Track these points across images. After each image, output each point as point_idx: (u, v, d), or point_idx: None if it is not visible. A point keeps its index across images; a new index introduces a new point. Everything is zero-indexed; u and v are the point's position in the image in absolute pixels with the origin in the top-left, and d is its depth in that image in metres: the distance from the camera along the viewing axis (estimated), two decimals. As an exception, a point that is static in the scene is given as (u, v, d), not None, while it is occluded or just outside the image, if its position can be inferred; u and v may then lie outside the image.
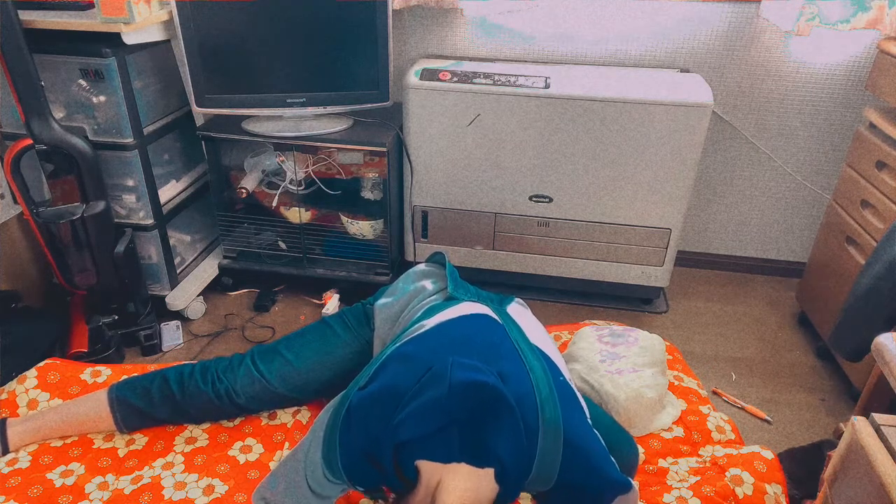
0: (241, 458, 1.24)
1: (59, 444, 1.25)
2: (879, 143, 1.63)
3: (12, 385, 1.37)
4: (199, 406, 1.27)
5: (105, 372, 1.44)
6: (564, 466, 0.90)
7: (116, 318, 1.77)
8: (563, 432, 0.91)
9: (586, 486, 0.93)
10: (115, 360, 1.72)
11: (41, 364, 1.42)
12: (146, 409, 1.27)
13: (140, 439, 1.27)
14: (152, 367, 1.47)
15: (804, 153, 2.09)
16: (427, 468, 0.87)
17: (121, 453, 1.24)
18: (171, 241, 1.94)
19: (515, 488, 0.89)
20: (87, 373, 1.42)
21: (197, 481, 1.18)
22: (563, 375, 1.04)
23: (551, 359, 1.05)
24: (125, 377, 1.32)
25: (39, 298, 1.86)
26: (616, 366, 1.37)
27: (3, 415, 1.31)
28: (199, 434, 1.29)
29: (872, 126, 1.69)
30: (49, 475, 1.18)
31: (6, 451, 1.23)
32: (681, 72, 1.98)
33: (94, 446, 1.25)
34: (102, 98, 1.65)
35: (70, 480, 1.18)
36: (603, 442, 0.98)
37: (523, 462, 0.88)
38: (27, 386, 1.37)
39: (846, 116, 2.01)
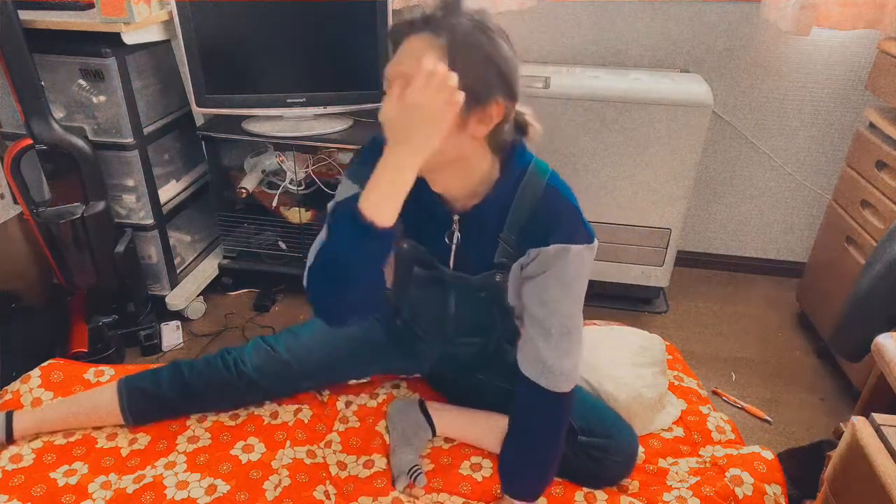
0: (244, 458, 1.24)
1: (62, 442, 1.26)
2: (879, 143, 1.63)
3: (16, 385, 1.37)
4: (208, 381, 1.28)
5: (108, 372, 1.44)
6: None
7: (116, 318, 1.77)
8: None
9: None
10: (115, 360, 1.72)
11: (45, 364, 1.43)
12: (153, 389, 1.27)
13: (143, 438, 1.28)
14: (151, 366, 1.48)
15: (804, 153, 2.10)
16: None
17: (123, 452, 1.25)
18: (171, 241, 1.94)
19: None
20: (90, 372, 1.43)
21: (199, 480, 1.18)
22: None
23: None
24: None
25: (39, 298, 1.85)
26: (616, 365, 1.37)
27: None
28: (201, 433, 1.29)
29: (872, 126, 1.69)
30: (52, 474, 1.19)
31: (10, 440, 1.24)
32: (681, 72, 1.98)
33: (98, 445, 1.26)
34: (102, 98, 1.65)
35: (73, 480, 1.18)
36: None
37: None
38: (31, 385, 1.37)
39: (846, 116, 2.01)
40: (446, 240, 1.08)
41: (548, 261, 1.02)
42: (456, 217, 1.05)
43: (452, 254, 1.09)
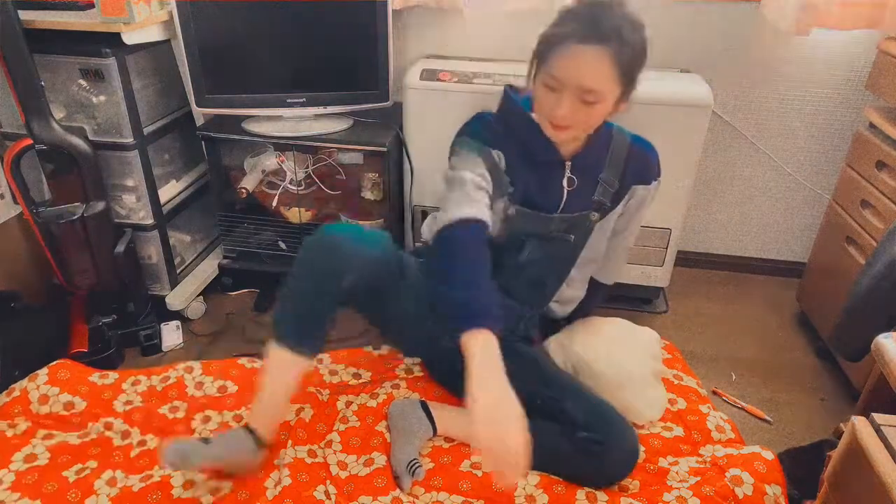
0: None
1: (77, 442, 1.27)
2: (879, 143, 1.63)
3: (24, 383, 1.39)
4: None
5: (112, 375, 1.45)
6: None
7: (116, 318, 1.77)
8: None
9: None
10: (115, 360, 1.72)
11: (52, 364, 1.44)
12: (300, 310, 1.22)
13: (151, 441, 1.29)
14: (156, 368, 1.49)
15: (804, 153, 2.10)
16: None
17: (132, 453, 1.26)
18: (171, 241, 1.94)
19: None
20: (95, 376, 1.45)
21: (205, 480, 1.19)
22: None
23: None
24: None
25: (39, 298, 1.85)
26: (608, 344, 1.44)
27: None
28: (207, 435, 1.30)
29: (872, 126, 1.69)
30: (65, 473, 1.20)
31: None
32: (681, 72, 1.98)
33: (115, 443, 1.27)
34: (102, 98, 1.65)
35: (82, 476, 1.19)
36: None
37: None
38: (38, 382, 1.39)
39: (846, 116, 2.01)
40: (564, 183, 1.25)
41: (648, 196, 1.34)
42: (568, 162, 1.24)
43: (566, 196, 1.26)
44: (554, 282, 1.38)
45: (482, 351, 0.98)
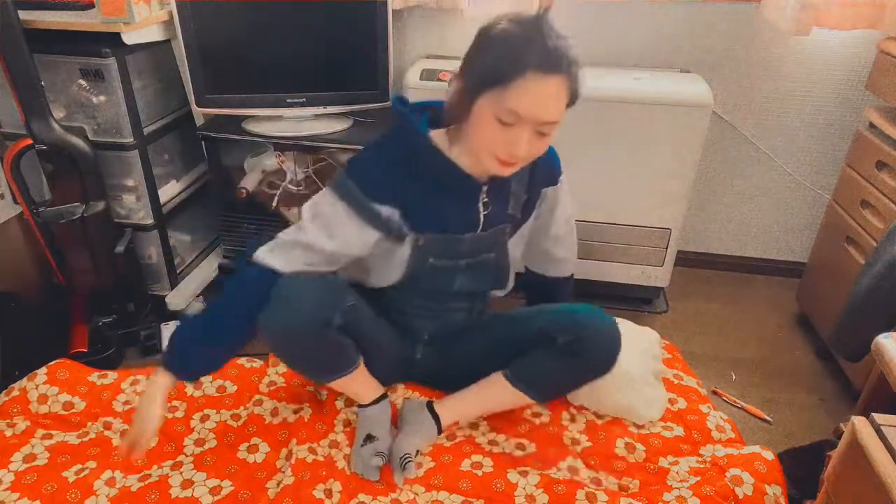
0: (250, 459, 1.25)
1: (76, 442, 1.26)
2: (879, 143, 1.63)
3: (23, 382, 1.39)
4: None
5: (111, 375, 1.45)
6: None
7: (116, 318, 1.77)
8: None
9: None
10: (115, 360, 1.72)
11: (51, 363, 1.44)
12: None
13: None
14: (154, 368, 1.48)
15: (804, 153, 2.10)
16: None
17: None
18: (171, 241, 1.94)
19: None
20: (94, 376, 1.45)
21: (205, 480, 1.19)
22: None
23: None
24: None
25: (39, 298, 1.85)
26: None
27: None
28: (206, 434, 1.30)
29: (872, 126, 1.69)
30: (64, 473, 1.20)
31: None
32: (681, 72, 1.98)
33: (114, 443, 1.27)
34: (102, 98, 1.65)
35: (80, 476, 1.19)
36: None
37: None
38: (37, 382, 1.39)
39: (846, 116, 2.01)
40: (480, 206, 1.20)
41: (559, 193, 1.31)
42: (485, 186, 1.19)
43: (482, 220, 1.22)
44: (491, 287, 1.36)
45: (150, 383, 1.17)
